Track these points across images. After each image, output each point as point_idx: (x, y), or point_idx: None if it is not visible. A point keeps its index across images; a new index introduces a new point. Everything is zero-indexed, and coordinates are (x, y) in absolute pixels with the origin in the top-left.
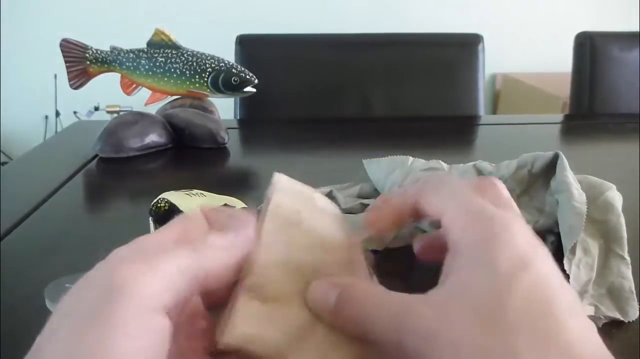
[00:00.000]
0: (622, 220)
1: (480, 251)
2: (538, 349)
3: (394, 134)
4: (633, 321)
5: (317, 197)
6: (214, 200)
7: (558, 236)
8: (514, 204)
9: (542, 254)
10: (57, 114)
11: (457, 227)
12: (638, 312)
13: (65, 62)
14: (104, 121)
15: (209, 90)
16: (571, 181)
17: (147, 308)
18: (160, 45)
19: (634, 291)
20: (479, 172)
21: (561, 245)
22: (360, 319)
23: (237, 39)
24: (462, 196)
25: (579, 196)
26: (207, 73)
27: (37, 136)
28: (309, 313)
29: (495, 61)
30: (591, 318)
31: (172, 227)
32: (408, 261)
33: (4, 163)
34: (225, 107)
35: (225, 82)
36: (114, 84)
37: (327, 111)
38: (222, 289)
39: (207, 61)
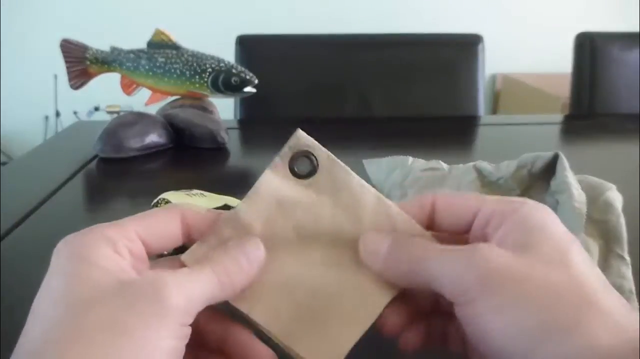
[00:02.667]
0: (622, 220)
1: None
2: (606, 288)
3: (394, 134)
4: None
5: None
6: (214, 200)
7: None
8: None
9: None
10: (57, 114)
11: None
12: (638, 312)
13: (66, 62)
14: (104, 121)
15: (209, 90)
16: (571, 181)
17: (183, 324)
18: (161, 45)
19: (634, 291)
20: (479, 172)
21: None
22: (414, 263)
23: (237, 39)
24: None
25: (579, 196)
26: (207, 73)
27: (37, 136)
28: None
29: (495, 61)
30: None
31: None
32: None
33: (4, 163)
34: (225, 107)
35: (225, 82)
36: (114, 84)
37: (327, 111)
38: None
39: (207, 61)
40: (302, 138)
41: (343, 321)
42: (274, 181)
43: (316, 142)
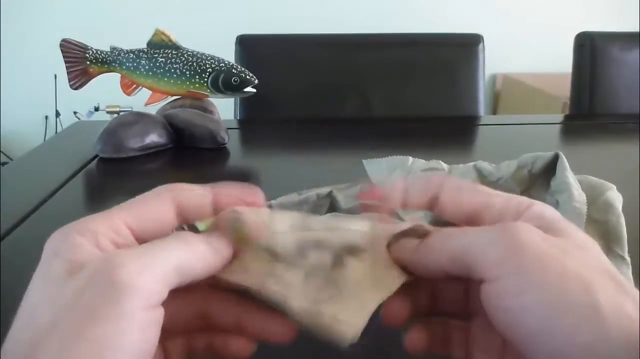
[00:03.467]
0: (622, 220)
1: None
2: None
3: (394, 134)
4: None
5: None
6: None
7: None
8: None
9: None
10: (57, 114)
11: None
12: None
13: (66, 62)
14: (104, 121)
15: (209, 90)
16: (571, 182)
17: (149, 303)
18: (161, 45)
19: None
20: (479, 172)
21: None
22: (451, 235)
23: (237, 39)
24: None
25: (579, 196)
26: (207, 73)
27: (37, 136)
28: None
29: (495, 61)
30: None
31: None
32: None
33: (4, 163)
34: (225, 107)
35: (225, 82)
36: (114, 84)
37: (327, 111)
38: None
39: (207, 61)
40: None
41: (363, 292)
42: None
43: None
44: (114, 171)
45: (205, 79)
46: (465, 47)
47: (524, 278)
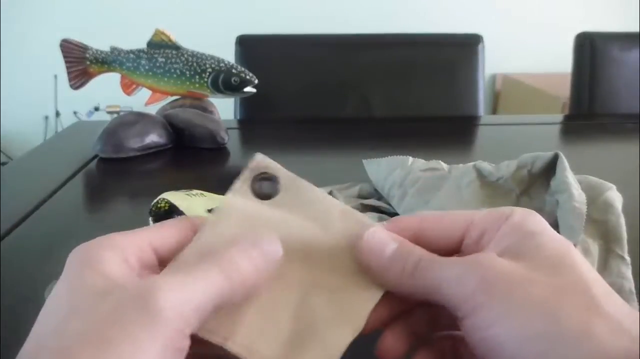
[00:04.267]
0: (622, 220)
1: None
2: (607, 289)
3: (394, 134)
4: None
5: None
6: (214, 200)
7: None
8: None
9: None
10: (57, 114)
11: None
12: (638, 312)
13: (66, 62)
14: (104, 121)
15: (209, 90)
16: (571, 182)
17: (180, 332)
18: (160, 45)
19: (634, 292)
20: (479, 172)
21: None
22: (420, 267)
23: (237, 39)
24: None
25: (579, 196)
26: (207, 73)
27: (37, 136)
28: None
29: (495, 61)
30: None
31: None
32: None
33: (4, 163)
34: (225, 107)
35: (225, 82)
36: (114, 84)
37: (327, 111)
38: None
39: (207, 61)
40: (261, 161)
41: (331, 331)
42: (236, 204)
43: (276, 163)
44: (114, 171)
45: (205, 79)
46: (465, 47)
47: (492, 311)
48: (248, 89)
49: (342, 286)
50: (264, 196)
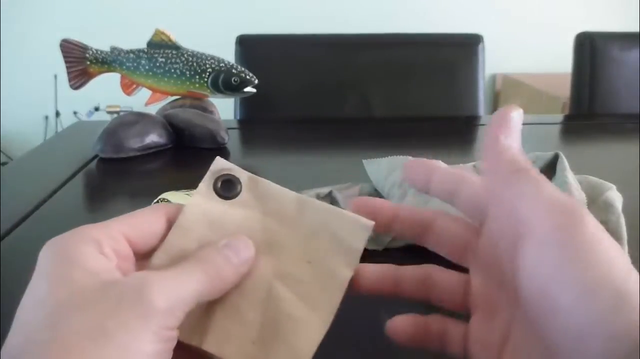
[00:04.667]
0: (622, 220)
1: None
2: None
3: (394, 134)
4: None
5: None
6: None
7: None
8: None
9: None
10: (57, 114)
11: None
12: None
13: (66, 62)
14: (104, 121)
15: (209, 90)
16: (571, 182)
17: (169, 324)
18: (161, 45)
19: None
20: (479, 172)
21: None
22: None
23: (237, 39)
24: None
25: (579, 196)
26: (207, 73)
27: (37, 136)
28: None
29: (495, 61)
30: None
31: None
32: (409, 262)
33: (4, 163)
34: (225, 107)
35: (225, 82)
36: (114, 84)
37: (327, 111)
38: None
39: (207, 61)
40: (221, 163)
41: (300, 329)
42: (201, 205)
43: (236, 166)
44: (114, 171)
45: (205, 79)
46: (465, 47)
47: (574, 253)
48: (248, 89)
49: (308, 277)
50: (226, 196)
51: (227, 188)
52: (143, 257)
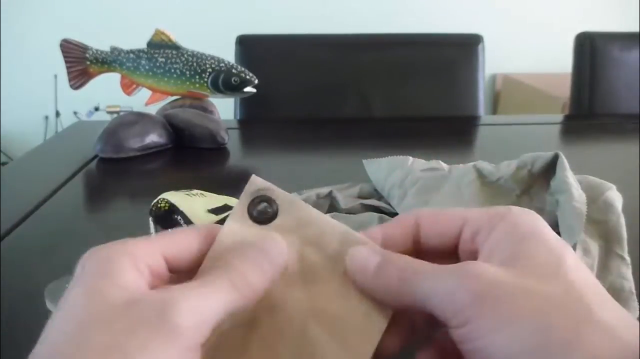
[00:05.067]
0: (622, 220)
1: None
2: (603, 296)
3: (394, 134)
4: None
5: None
6: (214, 200)
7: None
8: None
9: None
10: (57, 114)
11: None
12: (638, 312)
13: (66, 62)
14: (104, 121)
15: (209, 90)
16: (571, 182)
17: (194, 342)
18: (161, 45)
19: (634, 292)
20: (479, 172)
21: None
22: (405, 279)
23: (237, 39)
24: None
25: (579, 196)
26: (207, 73)
27: (37, 136)
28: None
29: (495, 61)
30: None
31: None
32: None
33: (4, 163)
34: (225, 107)
35: (225, 82)
36: (114, 85)
37: (327, 111)
38: None
39: (207, 61)
40: (257, 183)
41: None
42: (236, 230)
43: (272, 185)
44: (114, 171)
45: (205, 79)
46: (465, 47)
47: (482, 325)
48: (248, 89)
49: (344, 315)
50: (261, 220)
51: (263, 210)
52: (178, 277)
